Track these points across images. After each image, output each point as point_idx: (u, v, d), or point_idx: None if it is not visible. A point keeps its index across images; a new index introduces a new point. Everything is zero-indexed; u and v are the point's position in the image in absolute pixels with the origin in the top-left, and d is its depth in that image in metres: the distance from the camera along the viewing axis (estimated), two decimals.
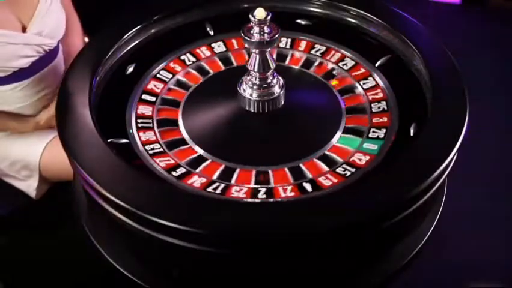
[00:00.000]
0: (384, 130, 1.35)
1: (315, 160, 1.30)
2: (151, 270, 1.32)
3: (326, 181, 1.25)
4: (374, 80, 1.47)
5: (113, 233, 1.33)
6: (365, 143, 1.33)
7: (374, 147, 1.32)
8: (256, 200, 1.22)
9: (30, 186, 1.92)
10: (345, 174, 1.27)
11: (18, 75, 1.80)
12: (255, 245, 1.14)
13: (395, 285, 1.37)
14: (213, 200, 1.21)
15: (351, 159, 1.30)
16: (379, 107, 1.40)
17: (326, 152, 1.32)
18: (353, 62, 1.51)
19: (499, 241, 2.17)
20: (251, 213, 1.15)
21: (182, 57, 1.55)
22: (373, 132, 1.35)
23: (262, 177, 1.27)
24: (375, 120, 1.38)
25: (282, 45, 1.57)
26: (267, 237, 1.12)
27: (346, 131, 1.36)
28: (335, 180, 1.25)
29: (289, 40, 1.58)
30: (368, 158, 1.30)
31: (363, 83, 1.46)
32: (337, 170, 1.28)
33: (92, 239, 1.38)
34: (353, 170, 1.28)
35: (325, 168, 1.28)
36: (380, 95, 1.43)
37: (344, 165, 1.29)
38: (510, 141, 2.55)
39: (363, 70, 1.49)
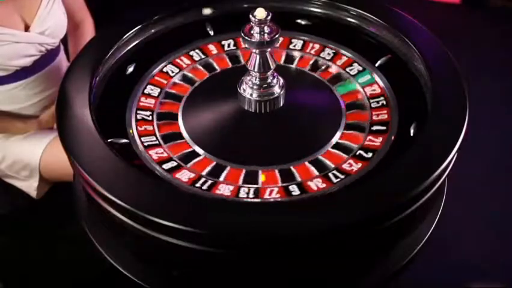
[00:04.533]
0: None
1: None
2: (151, 270, 1.32)
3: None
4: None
5: (113, 233, 1.33)
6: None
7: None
8: (257, 200, 1.22)
9: (31, 186, 1.92)
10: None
11: (20, 74, 1.80)
12: (254, 245, 1.14)
13: (395, 285, 1.37)
14: (213, 200, 1.21)
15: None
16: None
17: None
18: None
19: (499, 241, 2.17)
20: (251, 213, 1.15)
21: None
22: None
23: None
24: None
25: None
26: (266, 237, 1.12)
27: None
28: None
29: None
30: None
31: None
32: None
33: (92, 239, 1.38)
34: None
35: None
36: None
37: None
38: (510, 141, 2.55)
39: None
